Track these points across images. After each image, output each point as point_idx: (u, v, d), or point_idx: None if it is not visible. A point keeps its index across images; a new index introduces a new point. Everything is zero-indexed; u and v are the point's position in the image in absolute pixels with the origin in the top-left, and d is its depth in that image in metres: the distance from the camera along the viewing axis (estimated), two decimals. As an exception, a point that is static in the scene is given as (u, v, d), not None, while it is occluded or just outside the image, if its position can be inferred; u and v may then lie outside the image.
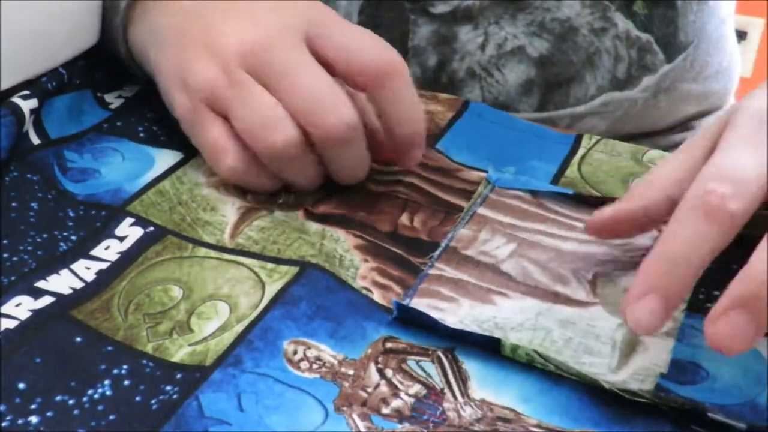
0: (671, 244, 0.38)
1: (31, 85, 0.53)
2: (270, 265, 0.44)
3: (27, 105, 0.51)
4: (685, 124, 0.73)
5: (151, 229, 0.46)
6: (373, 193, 0.50)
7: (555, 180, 0.52)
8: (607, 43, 0.64)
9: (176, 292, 0.42)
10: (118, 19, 0.53)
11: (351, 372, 0.38)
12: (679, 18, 0.66)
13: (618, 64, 0.65)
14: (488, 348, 0.40)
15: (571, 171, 0.53)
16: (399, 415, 0.36)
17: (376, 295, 0.43)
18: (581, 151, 0.55)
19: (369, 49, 0.48)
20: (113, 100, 0.57)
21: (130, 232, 0.46)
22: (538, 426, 0.36)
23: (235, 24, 0.48)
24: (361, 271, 0.44)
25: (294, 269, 0.44)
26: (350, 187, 0.50)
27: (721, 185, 0.37)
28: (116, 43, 0.55)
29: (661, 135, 0.72)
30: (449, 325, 0.40)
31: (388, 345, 0.40)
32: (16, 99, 0.51)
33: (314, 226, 0.47)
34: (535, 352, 0.39)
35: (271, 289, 0.42)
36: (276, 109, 0.45)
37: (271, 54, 0.46)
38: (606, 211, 0.44)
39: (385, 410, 0.37)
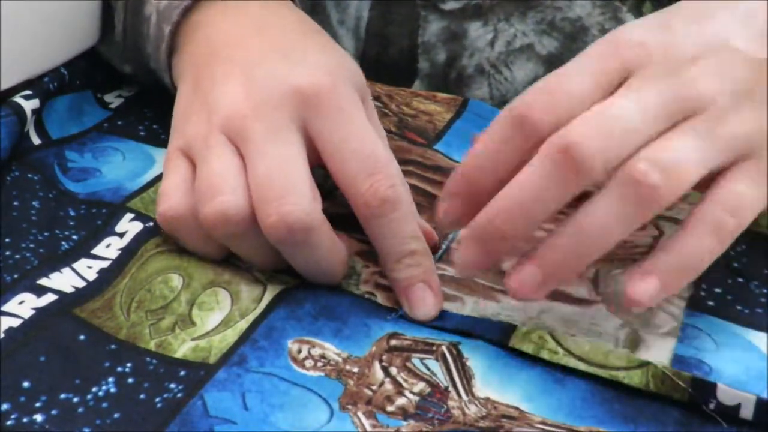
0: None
1: (32, 85, 0.53)
2: (269, 273, 0.44)
3: (29, 105, 0.51)
4: None
5: (151, 224, 0.46)
6: None
7: None
8: None
9: (176, 281, 0.43)
10: (164, 46, 0.51)
11: (355, 370, 0.39)
12: None
13: None
14: (499, 336, 0.41)
15: None
16: (404, 413, 0.37)
17: (380, 298, 0.43)
18: None
19: (367, 178, 0.42)
20: (113, 100, 0.58)
21: (129, 227, 0.46)
22: (543, 423, 0.37)
23: (233, 86, 0.44)
24: (363, 276, 0.44)
25: (294, 280, 0.44)
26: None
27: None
28: (161, 72, 0.52)
29: None
30: (457, 320, 0.42)
31: (393, 342, 0.40)
32: (18, 99, 0.51)
33: None
34: (550, 335, 0.40)
35: (273, 287, 0.43)
36: (231, 177, 0.42)
37: (251, 124, 0.42)
38: None
39: (390, 408, 0.37)
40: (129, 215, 0.47)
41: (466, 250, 0.39)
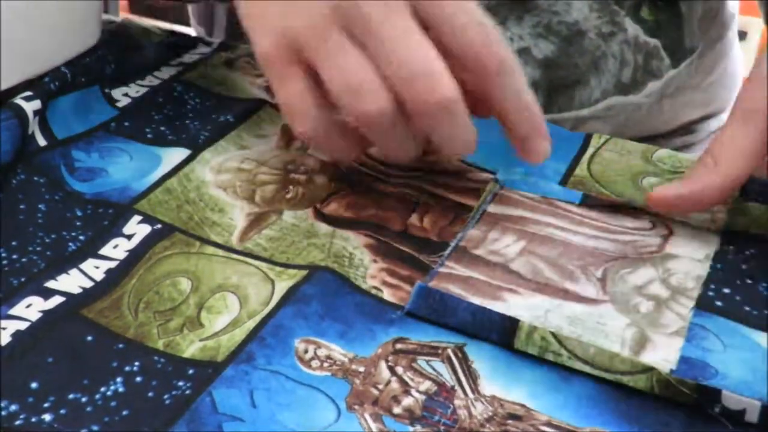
0: None
1: (33, 86, 0.54)
2: (278, 268, 0.45)
3: (30, 106, 0.52)
4: (687, 128, 0.75)
5: (159, 226, 0.48)
6: (383, 192, 0.52)
7: (564, 178, 0.54)
8: (613, 48, 0.65)
9: (185, 284, 0.44)
10: None
11: (362, 369, 0.40)
12: (685, 24, 0.68)
13: (623, 69, 0.67)
14: (503, 337, 0.41)
15: (581, 169, 0.54)
16: (410, 416, 0.38)
17: (386, 294, 0.44)
18: (590, 150, 0.56)
19: (485, 43, 0.46)
20: (120, 98, 0.59)
21: (137, 229, 0.47)
22: (549, 424, 0.38)
23: None
24: (370, 270, 0.45)
25: (303, 272, 0.45)
26: (360, 185, 0.52)
27: None
28: None
29: (664, 138, 0.73)
30: (471, 301, 0.42)
31: (398, 346, 0.41)
32: (18, 100, 0.52)
33: (324, 228, 0.48)
34: (552, 334, 0.41)
35: (281, 287, 0.44)
36: (368, 75, 0.44)
37: (369, 11, 0.44)
38: (670, 189, 0.48)
39: (397, 409, 0.38)
40: (137, 217, 0.48)
41: None
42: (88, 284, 0.43)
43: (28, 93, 0.53)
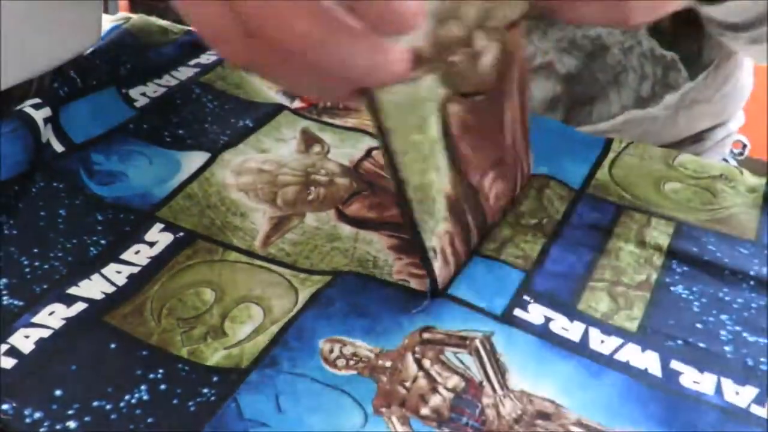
0: None
1: (42, 93, 0.54)
2: (302, 275, 0.45)
3: (40, 114, 0.53)
4: (697, 137, 0.75)
5: (181, 234, 0.48)
6: None
7: (586, 182, 0.54)
8: (633, 62, 0.66)
9: (209, 295, 0.44)
10: None
11: (388, 364, 0.40)
12: (704, 36, 0.68)
13: (643, 82, 0.67)
14: None
15: (602, 173, 0.55)
16: (438, 418, 0.38)
17: (413, 284, 0.44)
18: (611, 155, 0.56)
19: None
20: (138, 97, 0.59)
21: (160, 237, 0.47)
22: (579, 423, 0.38)
23: None
24: (395, 267, 0.46)
25: (327, 277, 0.45)
26: (381, 186, 0.52)
27: None
28: None
29: (674, 147, 0.73)
30: None
31: (426, 336, 0.41)
32: (27, 109, 0.53)
33: (347, 230, 0.49)
34: None
35: (305, 294, 0.44)
36: None
37: None
38: None
39: (424, 410, 0.38)
40: (159, 225, 0.48)
41: None
42: (110, 289, 0.44)
43: (37, 100, 0.53)
